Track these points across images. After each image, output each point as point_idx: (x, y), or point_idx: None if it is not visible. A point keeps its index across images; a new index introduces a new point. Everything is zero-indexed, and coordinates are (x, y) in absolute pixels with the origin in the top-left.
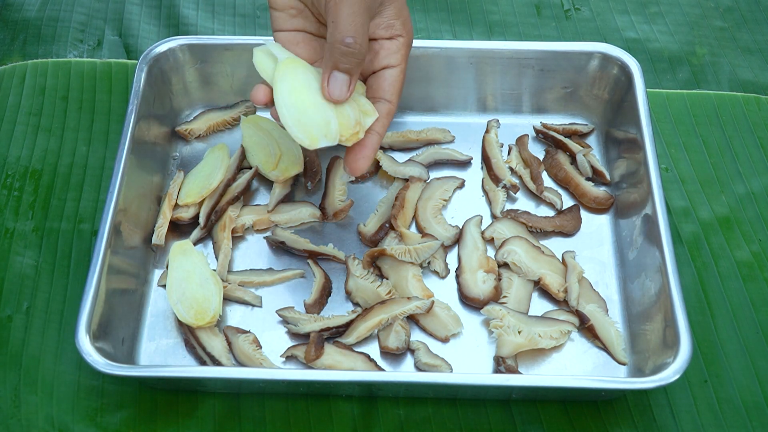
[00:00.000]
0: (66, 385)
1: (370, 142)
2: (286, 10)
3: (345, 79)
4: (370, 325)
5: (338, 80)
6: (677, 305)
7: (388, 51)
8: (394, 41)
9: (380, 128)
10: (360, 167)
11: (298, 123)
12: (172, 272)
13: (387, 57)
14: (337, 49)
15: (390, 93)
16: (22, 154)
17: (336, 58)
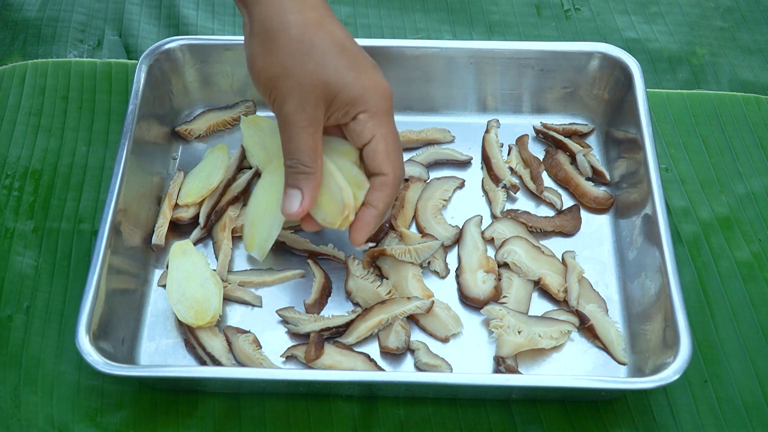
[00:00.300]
0: (66, 385)
1: (364, 216)
2: None
3: (295, 194)
4: (370, 325)
5: (290, 196)
6: (677, 305)
7: (355, 132)
8: (357, 121)
9: (376, 201)
10: (357, 240)
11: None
12: (172, 272)
13: (358, 137)
14: (285, 170)
15: (376, 165)
16: (22, 154)
17: (286, 177)
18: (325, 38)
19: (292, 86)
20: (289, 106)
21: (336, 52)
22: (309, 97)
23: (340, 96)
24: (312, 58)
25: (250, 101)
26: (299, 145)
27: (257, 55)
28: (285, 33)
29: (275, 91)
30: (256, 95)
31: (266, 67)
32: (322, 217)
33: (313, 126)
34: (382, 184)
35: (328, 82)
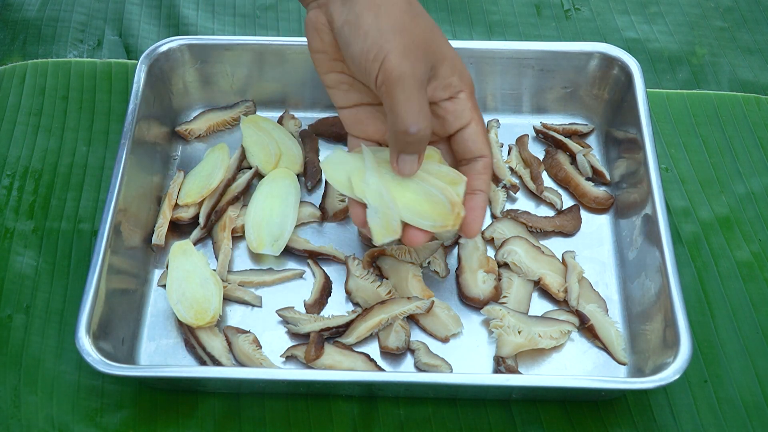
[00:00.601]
0: (66, 385)
1: (477, 204)
2: (338, 86)
3: (413, 159)
4: (370, 325)
5: (407, 161)
6: (677, 305)
7: (455, 113)
8: (457, 99)
9: (482, 185)
10: (473, 230)
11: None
12: (172, 272)
13: (456, 119)
14: (400, 139)
15: (478, 148)
16: (22, 154)
17: (401, 146)
18: (424, 12)
19: (409, 42)
20: (406, 63)
21: (434, 25)
22: (421, 55)
23: (446, 64)
24: (423, 22)
25: (250, 101)
26: (420, 105)
27: (368, 11)
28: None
29: (389, 45)
30: (256, 95)
31: (381, 22)
32: (430, 224)
33: (422, 89)
34: (485, 167)
35: (438, 46)
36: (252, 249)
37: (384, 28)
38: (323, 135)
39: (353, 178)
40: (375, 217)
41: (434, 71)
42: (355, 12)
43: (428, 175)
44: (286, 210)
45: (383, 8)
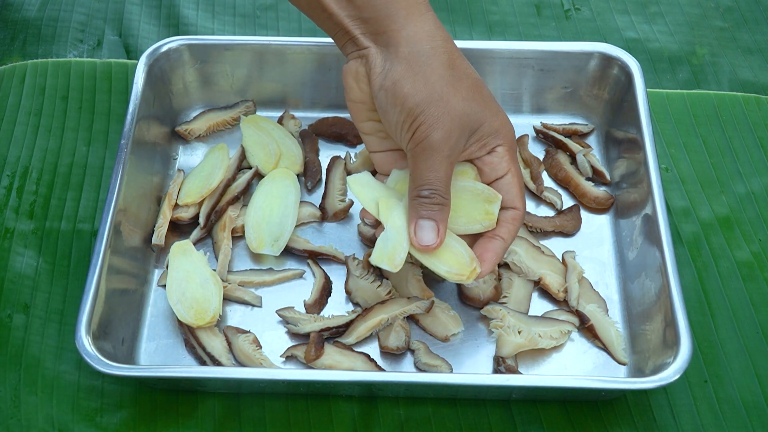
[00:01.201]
0: (66, 385)
1: (495, 248)
2: (375, 134)
3: (431, 225)
4: (370, 325)
5: (424, 228)
6: (677, 305)
7: (491, 165)
8: (495, 153)
9: (506, 234)
10: (485, 272)
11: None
12: (172, 272)
13: (492, 170)
14: (415, 200)
15: (510, 199)
16: (22, 154)
17: (416, 208)
18: (469, 70)
19: (443, 112)
20: (437, 133)
21: (476, 85)
22: (456, 125)
23: (484, 127)
24: (463, 86)
25: (250, 101)
26: (440, 174)
27: (404, 80)
28: (437, 59)
29: (423, 116)
30: (256, 95)
31: (416, 91)
32: (446, 270)
33: (454, 155)
34: (513, 219)
35: (477, 112)
36: (252, 249)
37: (419, 99)
38: (323, 135)
39: (381, 203)
40: (385, 243)
41: (473, 134)
42: (392, 78)
43: (462, 193)
44: (286, 210)
45: (420, 76)
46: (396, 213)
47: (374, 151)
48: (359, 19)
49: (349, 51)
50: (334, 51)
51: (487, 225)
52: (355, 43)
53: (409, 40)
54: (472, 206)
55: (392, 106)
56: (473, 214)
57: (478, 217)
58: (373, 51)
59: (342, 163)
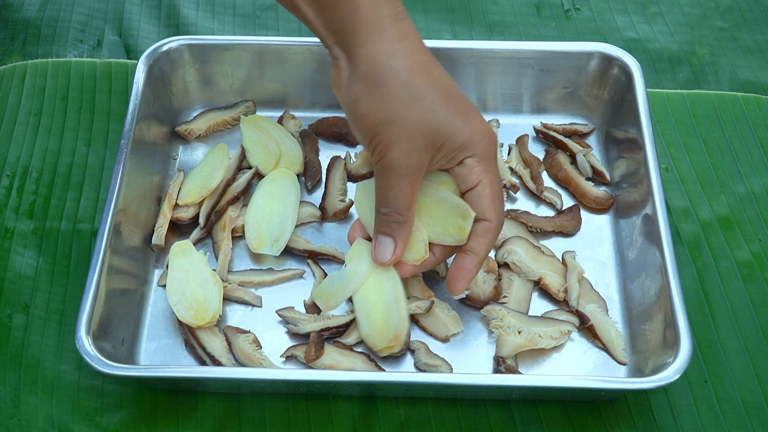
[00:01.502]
0: (66, 385)
1: (465, 264)
2: None
3: (388, 242)
4: None
5: (381, 244)
6: (677, 305)
7: (461, 176)
8: (463, 165)
9: (478, 248)
10: (458, 289)
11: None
12: (172, 272)
13: (463, 182)
14: (376, 216)
15: (481, 211)
16: (22, 154)
17: (376, 224)
18: (433, 84)
19: (399, 133)
20: (393, 154)
21: (444, 98)
22: (416, 145)
23: (448, 142)
24: (422, 105)
25: (250, 101)
26: (397, 194)
27: (361, 100)
28: (394, 78)
29: (379, 137)
30: (256, 95)
31: (371, 112)
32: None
33: (414, 174)
34: (485, 231)
35: (438, 129)
36: (252, 249)
37: (374, 121)
38: (323, 135)
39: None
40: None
41: (440, 147)
42: (352, 95)
43: (440, 203)
44: (286, 210)
45: (376, 97)
46: (364, 259)
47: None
48: (330, 30)
49: (330, 54)
50: None
51: (458, 239)
52: (331, 51)
53: (368, 59)
54: (446, 219)
55: (353, 123)
56: (447, 227)
57: (450, 230)
58: (343, 63)
59: (342, 163)
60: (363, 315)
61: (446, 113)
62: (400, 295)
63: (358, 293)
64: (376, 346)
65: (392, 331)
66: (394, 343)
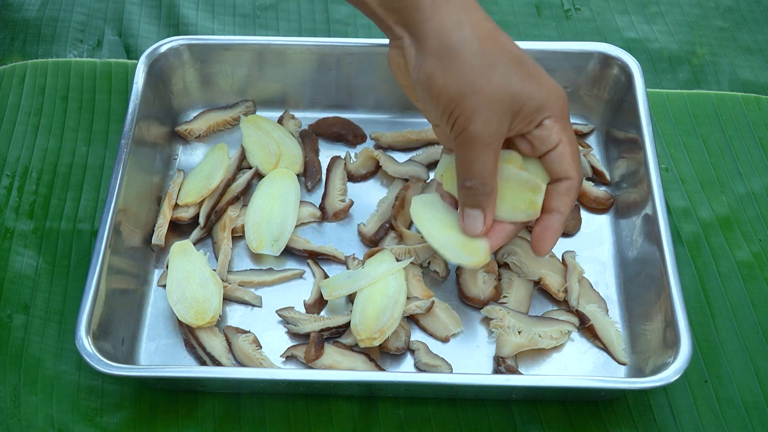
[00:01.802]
0: (66, 385)
1: (551, 223)
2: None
3: (477, 214)
4: None
5: (470, 216)
6: (677, 305)
7: (540, 138)
8: (542, 126)
9: (563, 206)
10: (544, 249)
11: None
12: (172, 272)
13: (543, 143)
14: (461, 191)
15: (563, 170)
16: (22, 154)
17: (462, 198)
18: (503, 51)
19: (479, 103)
20: (475, 124)
21: (515, 62)
22: (496, 112)
23: (526, 106)
24: (497, 72)
25: (250, 101)
26: (483, 164)
27: (436, 74)
28: (466, 48)
29: (459, 109)
30: (256, 95)
31: (449, 84)
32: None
33: (497, 142)
34: (568, 189)
35: (515, 93)
36: (252, 249)
37: (453, 94)
38: (323, 135)
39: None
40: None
41: (517, 113)
42: (425, 72)
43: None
44: (286, 210)
45: (451, 69)
46: (382, 266)
47: (435, 124)
48: (389, 9)
49: (388, 38)
50: (334, 51)
51: (530, 214)
52: (391, 32)
53: (437, 33)
54: (517, 195)
55: (429, 101)
56: (517, 204)
57: (522, 206)
58: (407, 42)
59: (342, 163)
60: (359, 308)
61: (520, 77)
62: (401, 301)
63: (363, 291)
64: (359, 335)
65: (379, 326)
66: (377, 336)
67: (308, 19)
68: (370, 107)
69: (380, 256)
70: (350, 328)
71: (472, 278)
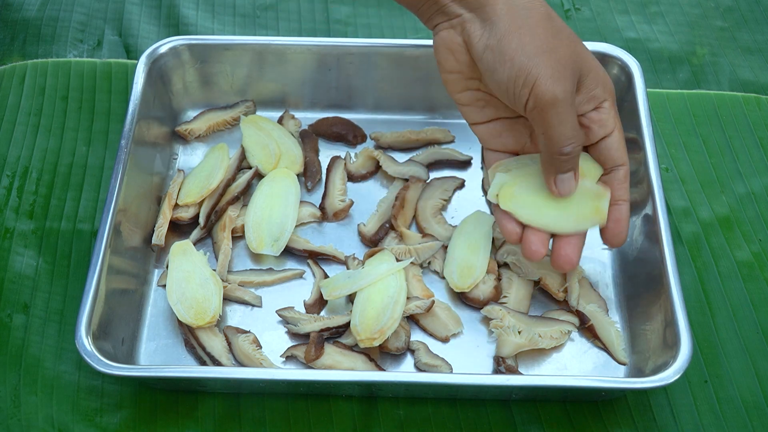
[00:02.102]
0: (66, 385)
1: (621, 213)
2: (474, 104)
3: (570, 177)
4: None
5: (565, 180)
6: (677, 305)
7: (599, 122)
8: (602, 109)
9: (624, 194)
10: (619, 241)
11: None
12: (172, 272)
13: (601, 128)
14: (556, 160)
15: (620, 156)
16: (22, 154)
17: (557, 166)
18: (563, 23)
19: (556, 63)
20: (558, 86)
21: (574, 37)
22: (569, 74)
23: (590, 76)
24: (566, 36)
25: (250, 101)
26: (575, 123)
27: (510, 35)
28: (537, 12)
29: (538, 69)
30: (256, 95)
31: (524, 45)
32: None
33: (572, 106)
34: (626, 176)
35: (581, 61)
36: (252, 249)
37: (530, 52)
38: (323, 135)
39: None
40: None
41: (580, 84)
42: (496, 35)
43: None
44: (286, 210)
45: (525, 29)
46: (382, 266)
47: (475, 123)
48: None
49: (437, 22)
50: (334, 51)
51: (596, 221)
52: (444, 13)
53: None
54: (581, 205)
55: (501, 64)
56: (583, 213)
57: (588, 214)
58: (468, 17)
59: (342, 163)
60: (359, 308)
61: (583, 49)
62: (401, 301)
63: (363, 290)
64: (359, 335)
65: (379, 326)
66: (377, 336)
67: (308, 19)
68: (370, 107)
69: (380, 256)
70: (350, 328)
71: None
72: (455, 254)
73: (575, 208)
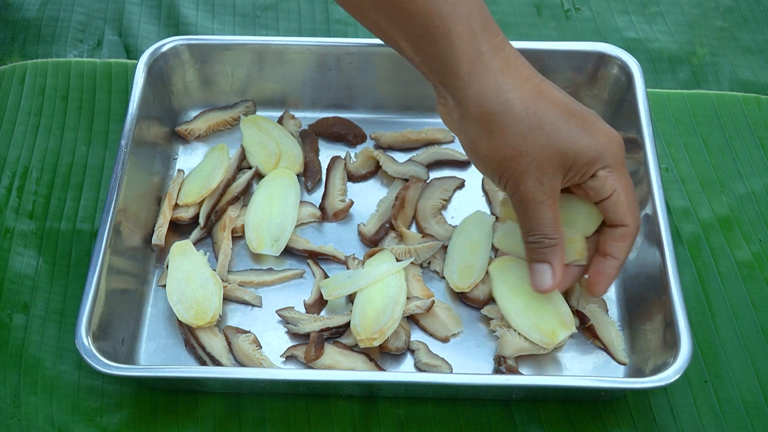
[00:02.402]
0: (66, 385)
1: (606, 268)
2: None
3: (544, 269)
4: None
5: (538, 271)
6: (677, 305)
7: (594, 189)
8: (596, 178)
9: (617, 252)
10: (599, 292)
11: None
12: (172, 272)
13: (597, 193)
14: (526, 245)
15: (618, 218)
16: (22, 154)
17: (528, 253)
18: (549, 107)
19: (526, 165)
20: (526, 185)
21: (563, 118)
22: (546, 171)
23: (577, 161)
24: (542, 132)
25: (250, 101)
26: (541, 220)
27: (480, 142)
28: (508, 114)
29: (507, 173)
30: (256, 95)
31: (493, 151)
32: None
33: (552, 198)
34: (623, 235)
35: (563, 150)
36: (252, 249)
37: (499, 159)
38: (323, 135)
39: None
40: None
41: (568, 170)
42: (469, 138)
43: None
44: (286, 210)
45: (495, 135)
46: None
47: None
48: (431, 68)
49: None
50: (334, 51)
51: (579, 260)
52: (435, 89)
53: (476, 100)
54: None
55: (477, 164)
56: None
57: (571, 253)
58: (451, 104)
59: (342, 163)
60: (359, 308)
61: (568, 133)
62: (401, 301)
63: (363, 290)
64: (359, 335)
65: (379, 326)
66: (377, 336)
67: (308, 19)
68: (370, 107)
69: (380, 256)
70: (350, 328)
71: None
72: (455, 254)
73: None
